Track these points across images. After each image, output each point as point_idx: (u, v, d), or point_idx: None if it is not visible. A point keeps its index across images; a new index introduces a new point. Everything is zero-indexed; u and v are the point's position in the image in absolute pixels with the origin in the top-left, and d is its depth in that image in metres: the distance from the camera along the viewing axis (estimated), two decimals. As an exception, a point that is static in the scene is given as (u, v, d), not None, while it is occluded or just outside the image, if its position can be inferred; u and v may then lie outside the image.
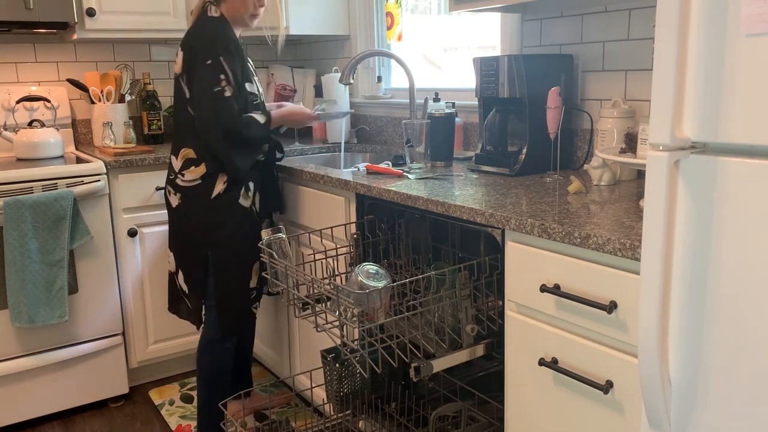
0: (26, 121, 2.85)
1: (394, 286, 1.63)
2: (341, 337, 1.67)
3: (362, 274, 1.66)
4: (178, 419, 2.54)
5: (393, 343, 1.59)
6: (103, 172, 2.53)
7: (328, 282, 1.61)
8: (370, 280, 1.64)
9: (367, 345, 1.57)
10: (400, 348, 1.58)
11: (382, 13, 3.05)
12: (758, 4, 0.89)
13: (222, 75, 2.02)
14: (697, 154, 1.00)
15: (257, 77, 2.27)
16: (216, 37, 2.05)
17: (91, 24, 2.72)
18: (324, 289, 1.63)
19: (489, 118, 2.10)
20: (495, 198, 1.65)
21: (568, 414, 1.40)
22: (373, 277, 1.66)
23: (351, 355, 1.66)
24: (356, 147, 2.97)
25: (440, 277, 1.67)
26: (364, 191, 1.93)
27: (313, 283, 1.66)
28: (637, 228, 1.29)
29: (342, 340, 1.67)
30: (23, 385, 2.48)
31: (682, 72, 0.99)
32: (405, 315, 1.58)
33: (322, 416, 2.34)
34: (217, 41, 2.04)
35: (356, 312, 1.56)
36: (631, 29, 1.91)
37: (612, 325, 1.27)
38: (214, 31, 2.06)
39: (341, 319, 1.60)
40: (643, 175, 1.78)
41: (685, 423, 1.09)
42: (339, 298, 1.56)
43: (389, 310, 1.66)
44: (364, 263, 1.71)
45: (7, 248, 2.32)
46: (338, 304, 1.58)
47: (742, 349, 0.99)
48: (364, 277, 1.65)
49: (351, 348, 1.65)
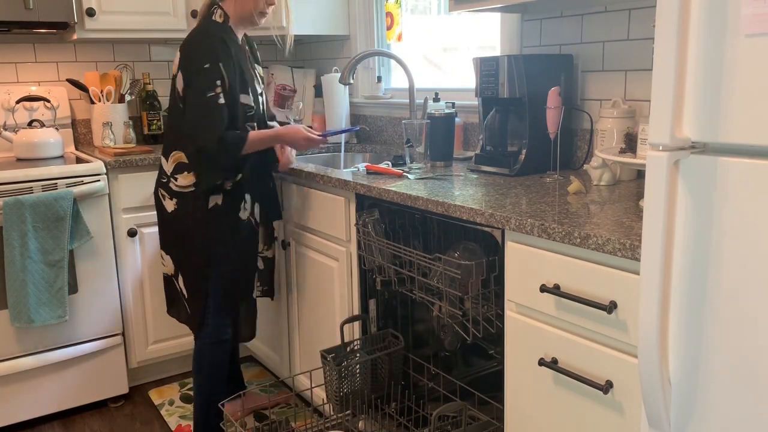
0: (26, 121, 2.85)
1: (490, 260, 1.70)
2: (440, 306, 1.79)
3: (458, 249, 1.80)
4: (177, 419, 2.54)
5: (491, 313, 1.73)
6: (103, 172, 2.53)
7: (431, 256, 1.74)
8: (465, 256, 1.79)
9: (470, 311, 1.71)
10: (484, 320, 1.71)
11: (382, 13, 3.05)
12: (758, 4, 0.89)
13: (218, 81, 1.99)
14: (697, 154, 1.00)
15: (262, 84, 2.25)
16: (216, 42, 2.01)
17: (91, 24, 2.72)
18: (426, 261, 1.75)
19: (489, 118, 2.10)
20: (495, 198, 1.65)
21: (567, 414, 1.40)
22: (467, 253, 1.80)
23: (452, 321, 1.76)
24: (356, 147, 2.97)
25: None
26: (364, 191, 1.93)
27: (416, 256, 1.78)
28: (637, 228, 1.29)
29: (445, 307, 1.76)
30: (23, 385, 2.48)
31: (682, 72, 0.99)
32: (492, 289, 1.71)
33: (322, 416, 2.34)
34: (217, 46, 2.01)
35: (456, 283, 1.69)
36: (631, 29, 1.91)
37: (612, 325, 1.27)
38: (216, 36, 2.03)
39: (444, 288, 1.72)
40: (642, 175, 1.79)
41: (685, 423, 1.09)
42: (444, 269, 1.67)
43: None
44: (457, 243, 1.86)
45: (7, 248, 2.32)
46: (443, 276, 1.70)
47: (741, 349, 0.99)
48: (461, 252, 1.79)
49: (453, 314, 1.75)
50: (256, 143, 2.07)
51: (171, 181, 2.11)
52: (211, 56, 1.99)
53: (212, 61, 1.99)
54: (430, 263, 1.74)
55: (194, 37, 2.07)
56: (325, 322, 2.27)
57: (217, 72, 1.99)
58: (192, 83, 2.01)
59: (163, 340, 2.79)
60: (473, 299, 1.74)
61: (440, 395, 2.06)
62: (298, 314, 2.45)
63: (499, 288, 1.66)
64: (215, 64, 1.99)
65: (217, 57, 2.00)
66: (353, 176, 2.05)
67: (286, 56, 2.25)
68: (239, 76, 2.06)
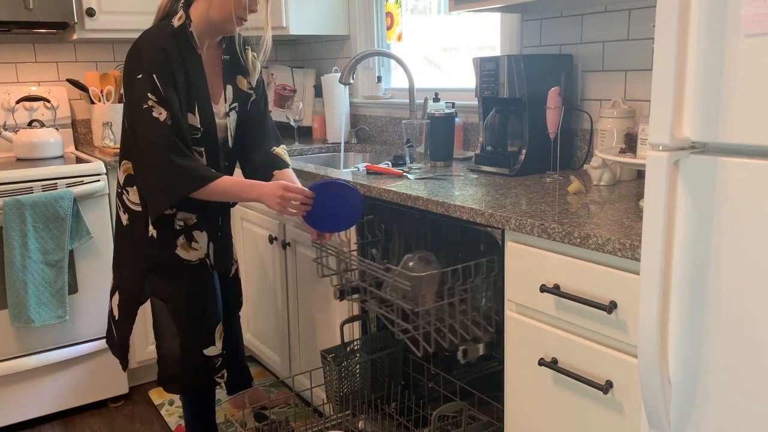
0: (26, 121, 2.85)
1: (445, 271, 1.65)
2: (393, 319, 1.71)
3: (413, 260, 1.72)
4: (177, 419, 2.54)
5: (444, 326, 1.64)
6: (103, 172, 2.53)
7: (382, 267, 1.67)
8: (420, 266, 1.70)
9: (421, 327, 1.62)
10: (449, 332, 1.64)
11: (382, 13, 3.05)
12: (758, 4, 0.89)
13: (149, 93, 1.74)
14: (697, 154, 1.00)
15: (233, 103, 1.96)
16: (153, 50, 1.77)
17: (90, 24, 2.72)
18: (378, 273, 1.67)
19: (489, 118, 2.10)
20: (495, 198, 1.65)
21: (567, 414, 1.40)
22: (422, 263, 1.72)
23: (404, 336, 1.68)
24: (356, 147, 2.97)
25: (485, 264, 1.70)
26: (364, 191, 1.93)
27: (368, 267, 1.70)
28: (637, 228, 1.29)
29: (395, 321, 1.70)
30: (23, 385, 2.48)
31: (681, 72, 0.99)
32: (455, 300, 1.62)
33: (322, 416, 2.34)
34: (152, 55, 1.77)
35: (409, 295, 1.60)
36: (631, 29, 1.91)
37: (612, 325, 1.27)
38: (155, 42, 1.78)
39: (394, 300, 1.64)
40: (642, 175, 1.79)
41: (685, 423, 1.09)
42: (394, 281, 1.59)
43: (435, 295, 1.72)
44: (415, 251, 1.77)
45: (7, 248, 2.32)
46: (392, 288, 1.62)
47: (741, 349, 0.99)
48: (415, 262, 1.71)
49: (404, 328, 1.67)
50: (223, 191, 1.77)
51: (124, 194, 1.93)
52: (144, 65, 1.76)
53: (144, 71, 1.76)
54: (382, 274, 1.66)
55: (135, 43, 1.83)
56: (325, 322, 2.27)
57: (149, 83, 1.75)
58: (127, 94, 1.80)
59: (163, 340, 2.79)
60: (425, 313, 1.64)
61: (440, 395, 2.06)
62: (298, 314, 2.45)
63: (469, 298, 1.65)
64: (148, 74, 1.76)
65: (150, 67, 1.76)
66: (353, 176, 2.05)
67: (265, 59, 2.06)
68: (184, 91, 1.81)
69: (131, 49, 1.82)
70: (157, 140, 1.74)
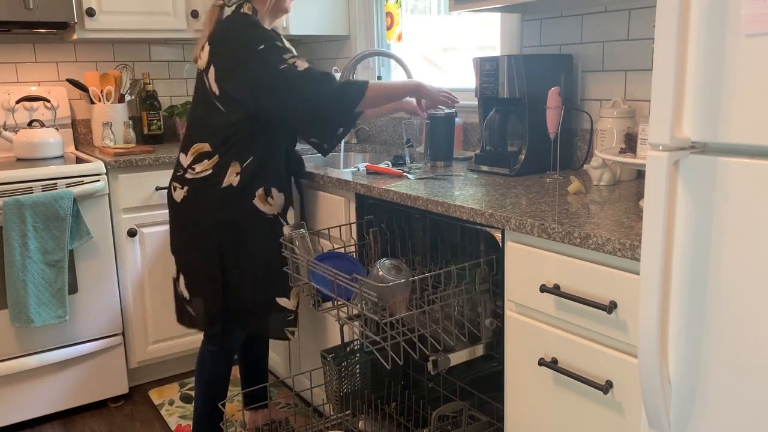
0: (26, 121, 2.85)
1: (415, 280, 1.63)
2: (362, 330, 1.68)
3: (383, 268, 1.67)
4: (177, 419, 2.54)
5: (414, 336, 1.60)
6: (103, 172, 2.53)
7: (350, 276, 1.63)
8: (391, 274, 1.66)
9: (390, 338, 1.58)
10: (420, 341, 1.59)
11: (382, 13, 3.05)
12: (758, 4, 0.89)
13: (283, 55, 1.86)
14: (697, 154, 1.00)
15: None
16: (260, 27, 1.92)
17: (91, 24, 2.72)
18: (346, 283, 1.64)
19: (489, 118, 2.10)
20: (495, 198, 1.65)
21: (567, 414, 1.40)
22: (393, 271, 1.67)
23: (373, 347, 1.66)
24: (356, 147, 2.97)
25: (460, 272, 1.68)
26: (364, 191, 1.93)
27: (336, 276, 1.67)
28: (637, 228, 1.29)
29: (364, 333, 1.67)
30: (23, 385, 2.48)
31: (681, 72, 0.99)
32: (425, 309, 1.60)
33: (322, 416, 2.34)
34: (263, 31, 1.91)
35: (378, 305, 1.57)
36: (631, 29, 1.91)
37: (612, 325, 1.27)
38: (256, 23, 1.93)
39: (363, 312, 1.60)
40: (642, 175, 1.78)
41: (685, 423, 1.09)
42: (361, 292, 1.56)
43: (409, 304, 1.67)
44: (383, 258, 1.72)
45: (7, 248, 2.32)
46: (360, 298, 1.59)
47: (741, 349, 0.99)
48: (385, 271, 1.66)
49: (373, 340, 1.64)
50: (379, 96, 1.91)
51: (187, 172, 1.98)
52: (259, 39, 1.87)
53: (267, 42, 1.87)
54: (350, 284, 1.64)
55: (232, 28, 1.92)
56: (325, 322, 2.27)
57: (277, 48, 1.87)
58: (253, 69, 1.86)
59: (163, 340, 2.79)
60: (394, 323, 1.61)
61: (440, 395, 2.06)
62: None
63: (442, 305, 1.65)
64: (271, 42, 1.87)
65: (271, 38, 1.89)
66: (353, 176, 2.05)
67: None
68: None
69: (228, 35, 1.90)
70: (315, 80, 1.86)
